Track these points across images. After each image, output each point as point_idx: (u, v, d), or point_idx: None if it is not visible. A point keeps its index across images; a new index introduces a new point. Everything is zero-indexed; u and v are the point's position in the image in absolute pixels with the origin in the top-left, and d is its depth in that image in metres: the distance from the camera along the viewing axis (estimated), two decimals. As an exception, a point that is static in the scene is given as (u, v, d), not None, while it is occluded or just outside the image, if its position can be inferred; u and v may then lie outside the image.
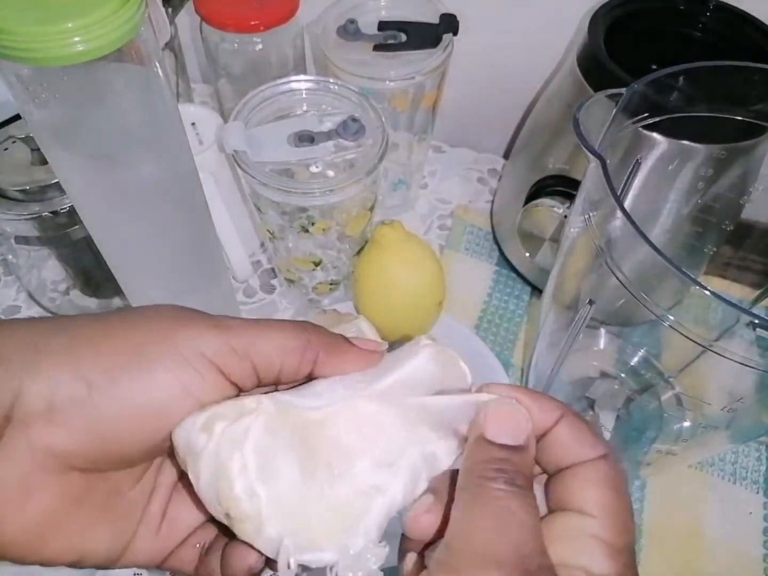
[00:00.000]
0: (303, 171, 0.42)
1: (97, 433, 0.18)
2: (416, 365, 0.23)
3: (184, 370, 0.19)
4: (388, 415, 0.22)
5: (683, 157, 0.37)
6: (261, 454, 0.20)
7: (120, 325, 0.19)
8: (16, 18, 0.23)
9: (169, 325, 0.19)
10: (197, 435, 0.19)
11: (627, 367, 0.44)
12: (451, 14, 0.46)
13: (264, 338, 0.20)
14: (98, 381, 0.18)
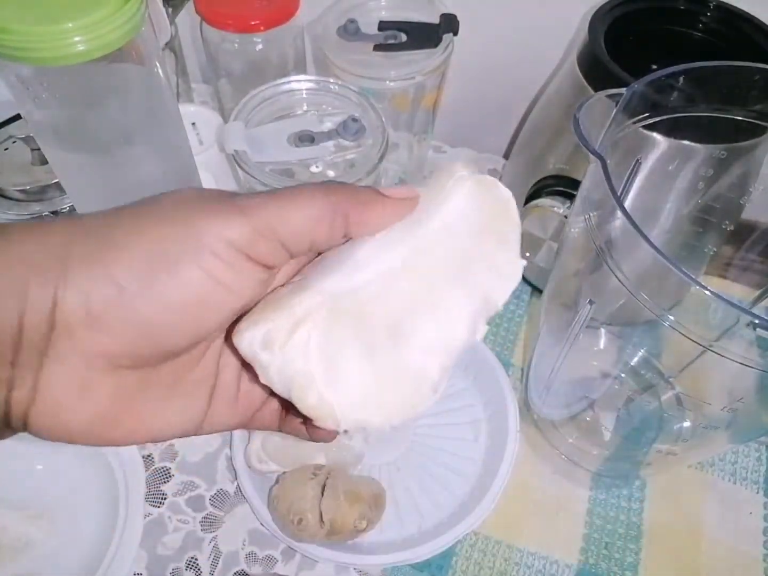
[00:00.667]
0: (303, 171, 0.42)
1: (138, 333, 0.19)
2: (455, 206, 0.22)
3: (213, 263, 0.19)
4: (437, 268, 0.21)
5: (683, 157, 0.37)
6: (325, 359, 0.20)
7: (144, 222, 0.19)
8: (17, 18, 0.23)
9: (192, 214, 0.19)
10: (260, 352, 0.20)
11: (627, 367, 0.44)
12: (452, 14, 0.46)
13: (288, 213, 0.20)
14: (129, 283, 0.18)
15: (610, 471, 0.43)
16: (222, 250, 0.19)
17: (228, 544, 0.40)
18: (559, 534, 0.41)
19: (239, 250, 0.19)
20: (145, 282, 0.18)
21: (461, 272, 0.21)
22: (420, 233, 0.21)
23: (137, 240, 0.18)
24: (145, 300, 0.18)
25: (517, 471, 0.42)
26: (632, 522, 0.42)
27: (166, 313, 0.19)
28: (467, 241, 0.22)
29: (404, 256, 0.21)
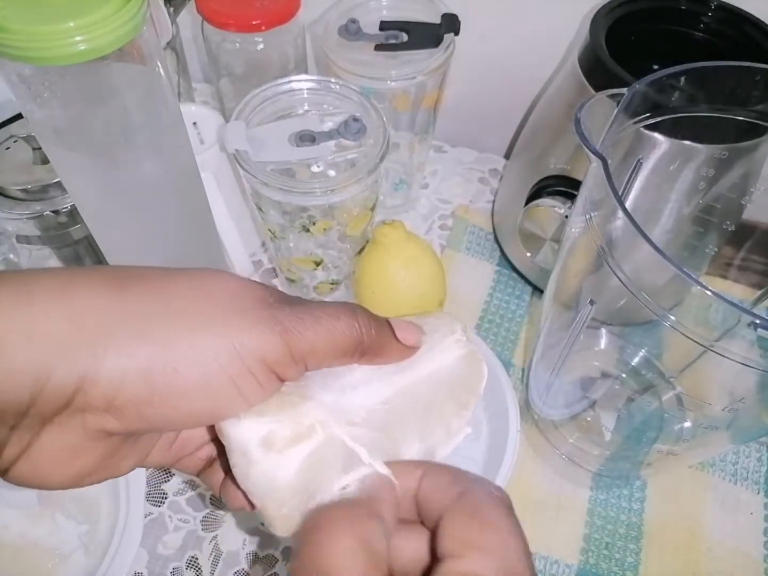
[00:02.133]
0: (304, 170, 0.42)
1: (148, 423, 0.19)
2: (443, 365, 0.25)
3: (245, 378, 0.19)
4: (410, 411, 0.23)
5: (685, 158, 0.37)
6: (310, 477, 0.21)
7: (182, 322, 0.19)
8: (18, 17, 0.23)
9: (231, 323, 0.19)
10: (255, 447, 0.20)
11: (628, 368, 0.44)
12: (453, 14, 0.46)
13: (321, 340, 0.20)
14: (159, 386, 0.18)
15: (610, 471, 0.43)
16: (256, 368, 0.19)
17: (228, 544, 0.40)
18: (560, 534, 0.41)
19: (271, 370, 0.20)
20: (174, 388, 0.18)
21: (423, 419, 0.24)
22: (411, 376, 0.24)
23: (174, 343, 0.18)
24: (169, 404, 0.19)
25: (518, 471, 0.42)
26: (633, 522, 0.42)
27: (181, 413, 0.19)
28: (440, 395, 0.24)
29: (392, 391, 0.24)
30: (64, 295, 0.18)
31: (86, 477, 0.20)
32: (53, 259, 0.47)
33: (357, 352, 0.22)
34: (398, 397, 0.24)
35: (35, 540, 0.39)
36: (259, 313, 0.20)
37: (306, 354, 0.20)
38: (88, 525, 0.39)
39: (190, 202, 0.36)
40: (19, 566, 0.38)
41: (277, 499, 0.20)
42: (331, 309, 0.21)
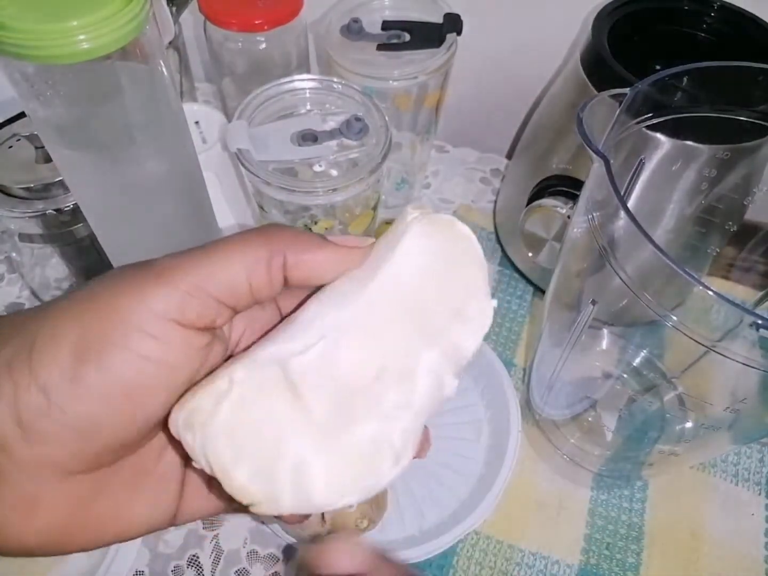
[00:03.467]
0: (306, 170, 0.42)
1: (78, 435, 0.17)
2: (407, 250, 0.20)
3: (142, 340, 0.17)
4: (391, 322, 0.19)
5: (687, 158, 0.37)
6: (250, 435, 0.18)
7: (68, 314, 0.17)
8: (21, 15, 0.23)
9: (112, 294, 0.17)
10: (184, 433, 0.18)
11: (629, 368, 0.44)
12: (455, 14, 0.46)
13: (217, 264, 0.18)
14: (56, 384, 0.17)
15: (611, 471, 0.43)
16: (148, 324, 0.17)
17: (229, 543, 0.40)
18: (561, 534, 0.41)
19: (167, 319, 0.17)
20: (72, 379, 0.17)
21: (420, 325, 0.19)
22: (371, 286, 0.19)
23: (60, 336, 0.17)
24: (76, 399, 0.17)
25: (519, 471, 0.42)
26: (634, 523, 0.42)
27: (102, 406, 0.17)
28: (426, 289, 0.20)
29: (353, 313, 0.19)
30: None
31: (72, 530, 0.18)
32: (55, 257, 0.47)
33: (273, 260, 0.18)
34: (368, 313, 0.19)
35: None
36: (139, 271, 0.18)
37: (202, 283, 0.18)
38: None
39: (192, 201, 0.36)
40: (21, 563, 0.38)
41: (225, 466, 0.18)
42: (225, 236, 0.19)
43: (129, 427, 0.18)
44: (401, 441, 0.19)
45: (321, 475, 0.18)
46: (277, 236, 0.19)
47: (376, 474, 0.19)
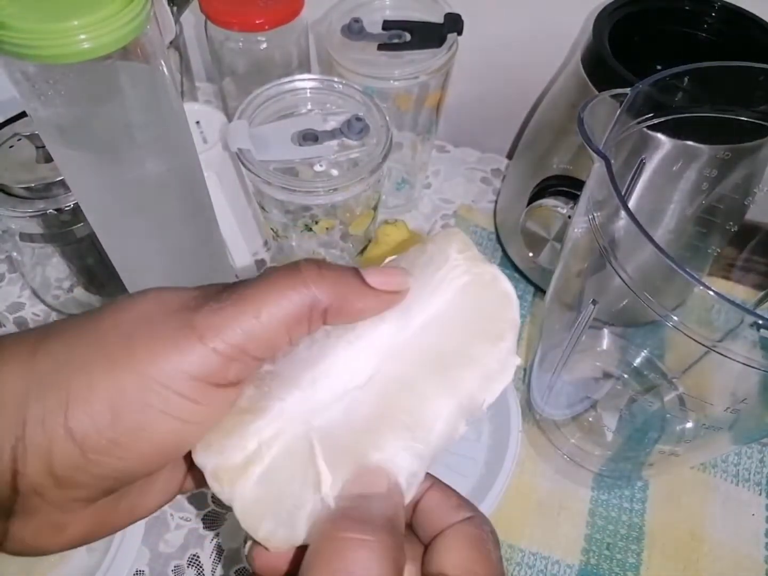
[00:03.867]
0: (307, 170, 0.42)
1: (105, 481, 0.18)
2: (444, 304, 0.20)
3: (179, 404, 0.17)
4: (417, 372, 0.20)
5: (687, 158, 0.37)
6: (276, 496, 0.19)
7: (105, 366, 0.17)
8: (22, 15, 0.23)
9: (153, 353, 0.17)
10: (211, 481, 0.19)
11: (630, 368, 0.44)
12: (456, 14, 0.46)
13: (257, 326, 0.18)
14: (95, 442, 0.17)
15: (612, 471, 0.43)
16: (185, 389, 0.17)
17: (230, 542, 0.40)
18: (561, 534, 0.41)
19: (205, 382, 0.18)
20: (111, 440, 0.17)
21: (444, 376, 0.20)
22: (403, 335, 0.20)
23: (97, 393, 0.17)
24: (113, 456, 0.17)
25: (519, 471, 0.42)
26: (634, 523, 0.42)
27: (137, 462, 0.18)
28: (456, 340, 0.20)
29: (382, 362, 0.20)
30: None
31: (84, 539, 0.20)
32: (56, 257, 0.47)
33: (314, 314, 0.18)
34: (394, 361, 0.20)
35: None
36: (170, 327, 0.18)
37: (243, 345, 0.18)
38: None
39: (192, 201, 0.36)
40: (22, 562, 0.38)
41: (252, 521, 0.19)
42: (265, 280, 0.19)
43: (154, 470, 0.19)
44: (406, 484, 0.19)
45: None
46: (317, 284, 0.19)
47: None
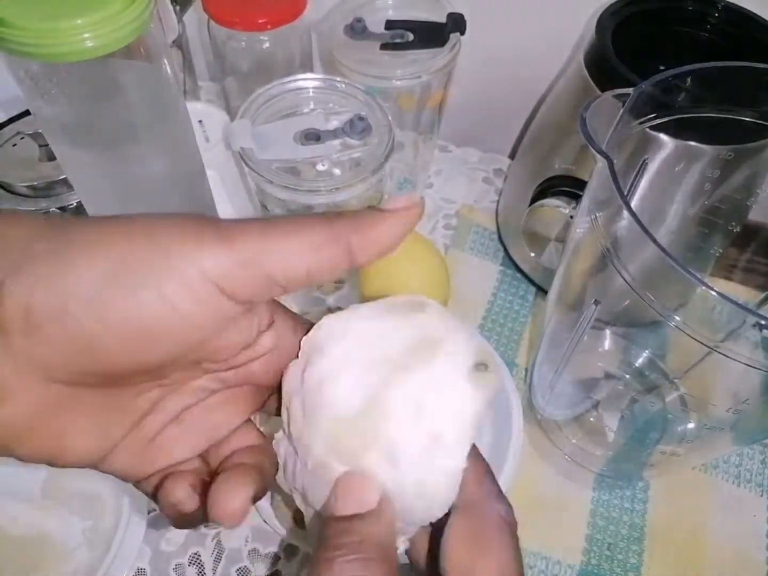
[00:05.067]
0: (309, 169, 0.42)
1: (79, 349, 0.17)
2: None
3: (179, 291, 0.17)
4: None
5: (690, 158, 0.37)
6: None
7: (115, 232, 0.17)
8: (26, 14, 0.23)
9: (167, 236, 0.17)
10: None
11: (631, 368, 0.44)
12: (459, 14, 0.46)
13: (281, 242, 0.18)
14: (79, 293, 0.16)
15: (613, 472, 0.43)
16: (192, 279, 0.17)
17: (231, 541, 0.40)
18: (562, 534, 0.41)
19: (212, 282, 0.17)
20: (97, 298, 0.17)
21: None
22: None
23: (101, 250, 0.17)
24: (93, 316, 0.17)
25: (520, 471, 0.42)
26: (635, 523, 0.42)
27: (114, 334, 0.17)
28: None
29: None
30: (8, 216, 0.18)
31: (23, 434, 0.18)
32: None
33: (339, 241, 0.18)
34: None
35: (41, 534, 0.39)
36: (202, 226, 0.18)
37: (260, 259, 0.18)
38: (92, 520, 0.39)
39: (195, 199, 0.36)
40: (24, 559, 0.38)
41: None
42: (292, 218, 0.19)
43: (128, 362, 0.18)
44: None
45: None
46: (341, 222, 0.19)
47: None
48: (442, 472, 0.19)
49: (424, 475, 0.19)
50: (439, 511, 0.19)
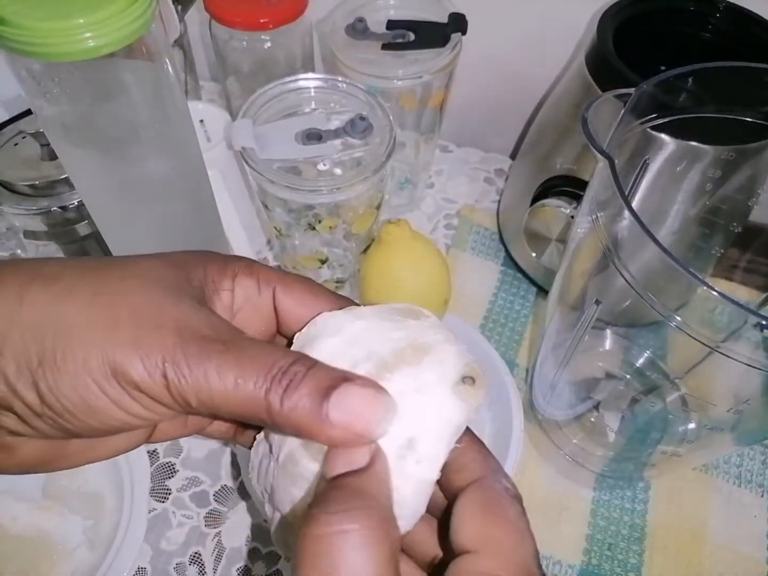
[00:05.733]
0: (310, 169, 0.42)
1: (56, 432, 0.18)
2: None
3: (118, 397, 0.17)
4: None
5: (691, 158, 0.37)
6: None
7: (73, 326, 0.18)
8: (28, 13, 0.23)
9: (119, 335, 0.17)
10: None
11: (632, 369, 0.44)
12: (460, 14, 0.46)
13: (216, 387, 0.17)
14: (47, 396, 0.17)
15: (614, 472, 0.42)
16: (126, 391, 0.17)
17: (231, 540, 0.40)
18: (563, 534, 0.41)
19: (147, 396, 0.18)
20: (62, 403, 0.17)
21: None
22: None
23: (64, 362, 0.17)
24: (62, 417, 0.18)
25: (521, 471, 0.42)
26: (636, 523, 0.42)
27: (83, 429, 0.18)
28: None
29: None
30: None
31: (35, 467, 0.20)
32: (59, 254, 0.47)
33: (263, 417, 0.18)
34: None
35: (41, 533, 0.39)
36: (152, 330, 0.17)
37: (191, 399, 0.17)
38: (92, 520, 0.39)
39: (196, 199, 0.36)
40: (25, 558, 0.38)
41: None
42: (256, 357, 0.18)
43: (88, 428, 0.18)
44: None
45: None
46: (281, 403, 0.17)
47: None
48: (413, 478, 0.18)
49: (393, 477, 0.18)
50: (408, 520, 0.18)
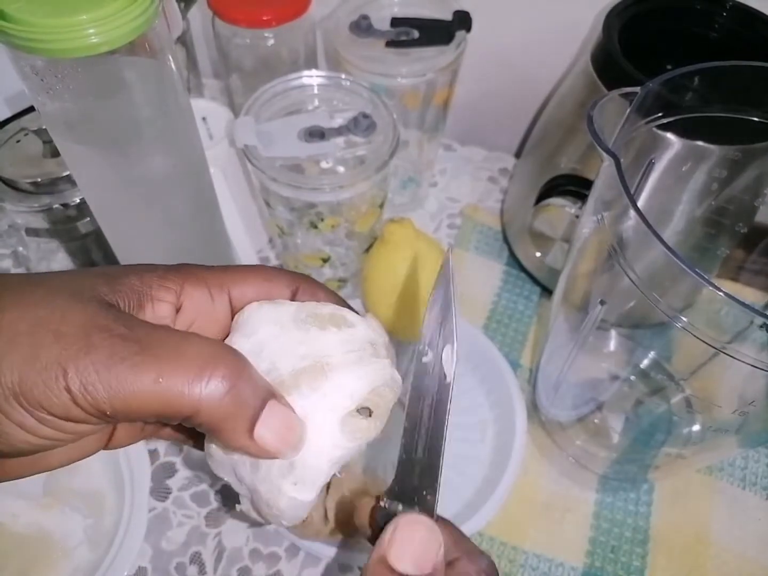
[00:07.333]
0: (313, 166, 0.42)
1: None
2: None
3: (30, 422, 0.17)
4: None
5: (697, 158, 0.37)
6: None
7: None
8: (31, 10, 0.23)
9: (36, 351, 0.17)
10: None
11: (637, 370, 0.43)
12: (465, 11, 0.45)
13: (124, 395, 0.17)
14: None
15: (617, 474, 0.42)
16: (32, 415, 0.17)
17: (232, 540, 0.40)
18: (565, 536, 0.41)
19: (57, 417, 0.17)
20: None
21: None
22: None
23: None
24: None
25: (524, 472, 0.42)
26: (639, 526, 0.42)
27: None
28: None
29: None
30: None
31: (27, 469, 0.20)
32: (61, 252, 0.47)
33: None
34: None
35: (41, 531, 0.39)
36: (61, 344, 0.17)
37: (100, 405, 0.17)
38: (93, 519, 0.39)
39: (198, 197, 0.36)
40: (25, 556, 0.38)
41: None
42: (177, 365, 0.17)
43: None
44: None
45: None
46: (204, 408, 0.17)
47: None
48: (287, 496, 0.19)
49: (273, 492, 0.19)
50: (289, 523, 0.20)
